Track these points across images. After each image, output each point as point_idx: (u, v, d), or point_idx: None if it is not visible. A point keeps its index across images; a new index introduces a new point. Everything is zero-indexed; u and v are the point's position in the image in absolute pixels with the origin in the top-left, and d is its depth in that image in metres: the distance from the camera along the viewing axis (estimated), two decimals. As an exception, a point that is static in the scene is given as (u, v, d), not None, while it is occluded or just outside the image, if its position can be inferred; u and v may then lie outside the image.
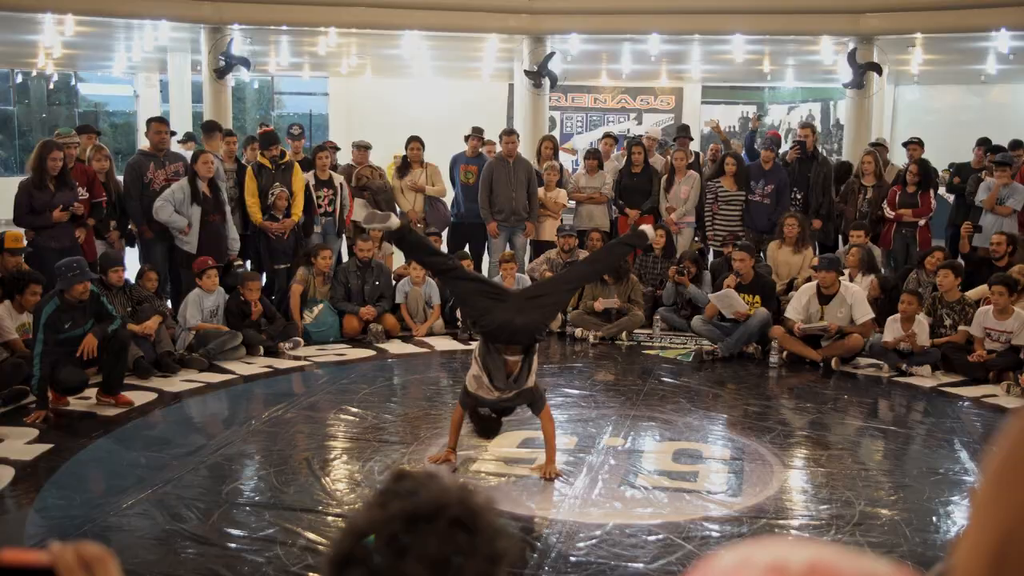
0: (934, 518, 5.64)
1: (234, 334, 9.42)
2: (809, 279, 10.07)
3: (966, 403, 8.33)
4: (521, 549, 5.05)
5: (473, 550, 1.29)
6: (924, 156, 11.90)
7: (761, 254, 11.17)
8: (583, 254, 10.91)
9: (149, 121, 10.77)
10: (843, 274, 9.80)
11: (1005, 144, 12.13)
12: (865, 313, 9.32)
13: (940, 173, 12.19)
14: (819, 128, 16.02)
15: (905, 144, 12.52)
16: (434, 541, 1.28)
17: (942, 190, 12.55)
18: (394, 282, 10.80)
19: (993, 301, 9.03)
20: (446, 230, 12.26)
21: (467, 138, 12.64)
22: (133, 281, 9.40)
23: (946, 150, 12.90)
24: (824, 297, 9.42)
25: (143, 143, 10.68)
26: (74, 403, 7.74)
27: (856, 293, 9.42)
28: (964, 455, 6.79)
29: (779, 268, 10.93)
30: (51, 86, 23.71)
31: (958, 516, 5.72)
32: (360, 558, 1.28)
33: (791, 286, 10.63)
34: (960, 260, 10.71)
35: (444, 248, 11.90)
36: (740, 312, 9.69)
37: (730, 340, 9.66)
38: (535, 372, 6.27)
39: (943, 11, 13.17)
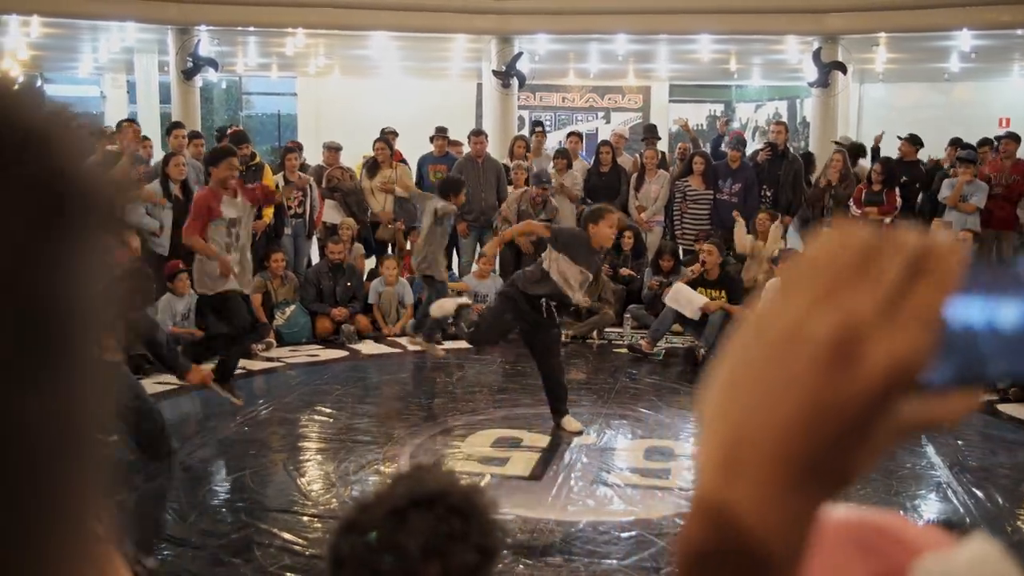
0: (900, 512, 5.74)
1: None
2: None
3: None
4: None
5: (465, 537, 1.39)
6: (887, 155, 12.07)
7: (729, 253, 11.24)
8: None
9: (120, 123, 10.75)
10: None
11: (969, 142, 12.30)
12: None
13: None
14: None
15: (903, 139, 12.61)
16: (430, 521, 1.40)
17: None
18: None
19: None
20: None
21: (432, 139, 12.68)
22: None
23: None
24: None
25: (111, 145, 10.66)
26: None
27: None
28: (930, 449, 6.90)
29: (750, 265, 11.00)
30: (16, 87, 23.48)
31: (924, 511, 5.83)
32: (360, 528, 1.41)
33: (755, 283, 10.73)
34: None
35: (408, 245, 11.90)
36: (700, 306, 9.58)
37: (707, 337, 9.56)
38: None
39: (905, 11, 13.34)
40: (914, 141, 12.47)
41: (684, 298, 9.62)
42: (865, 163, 12.46)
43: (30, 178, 0.40)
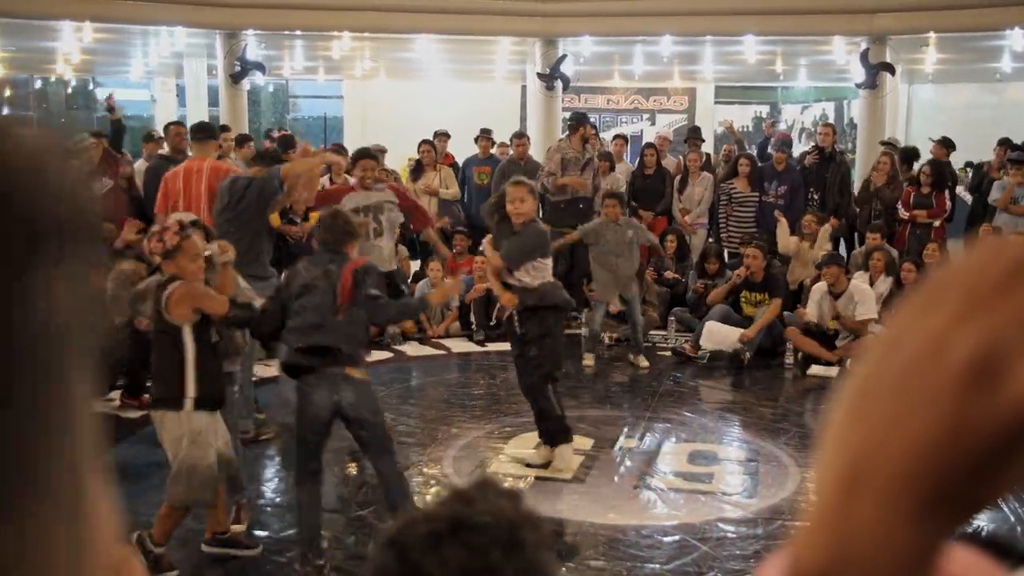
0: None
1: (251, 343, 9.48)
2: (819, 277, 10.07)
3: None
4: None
5: (501, 574, 1.31)
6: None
7: (775, 256, 11.13)
8: None
9: (167, 125, 10.87)
10: (848, 273, 9.77)
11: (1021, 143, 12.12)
12: (865, 312, 9.24)
13: (959, 171, 12.21)
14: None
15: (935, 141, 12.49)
16: (466, 551, 1.29)
17: (961, 190, 12.53)
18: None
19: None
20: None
21: (476, 140, 12.72)
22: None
23: (961, 148, 12.85)
24: (835, 295, 9.42)
25: (161, 148, 10.82)
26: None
27: (864, 292, 9.38)
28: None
29: (795, 267, 10.92)
30: (69, 91, 23.89)
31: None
32: (399, 543, 1.32)
33: (801, 285, 10.63)
34: None
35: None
36: (736, 339, 9.50)
37: (751, 341, 9.55)
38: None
39: (955, 10, 13.15)
40: (945, 143, 12.31)
41: (718, 336, 9.62)
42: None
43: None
